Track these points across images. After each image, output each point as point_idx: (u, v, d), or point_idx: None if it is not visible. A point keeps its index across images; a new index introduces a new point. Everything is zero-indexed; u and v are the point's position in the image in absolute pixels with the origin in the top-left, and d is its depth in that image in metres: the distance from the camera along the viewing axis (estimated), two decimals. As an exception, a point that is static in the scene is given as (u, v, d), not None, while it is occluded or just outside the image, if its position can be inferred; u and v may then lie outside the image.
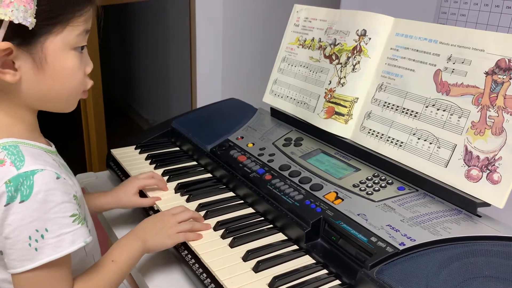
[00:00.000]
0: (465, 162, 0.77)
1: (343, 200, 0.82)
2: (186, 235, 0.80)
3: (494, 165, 0.74)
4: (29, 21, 0.58)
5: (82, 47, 0.68)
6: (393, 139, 0.88)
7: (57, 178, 0.64)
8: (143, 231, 0.79)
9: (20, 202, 0.60)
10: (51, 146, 0.74)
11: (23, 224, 0.61)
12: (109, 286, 0.73)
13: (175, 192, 0.97)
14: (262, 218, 0.88)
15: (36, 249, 0.62)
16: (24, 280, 0.64)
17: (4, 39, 0.59)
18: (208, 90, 2.44)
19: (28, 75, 0.63)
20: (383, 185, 0.84)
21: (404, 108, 0.88)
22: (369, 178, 0.87)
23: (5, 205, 0.60)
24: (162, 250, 0.82)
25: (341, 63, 1.01)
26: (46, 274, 0.64)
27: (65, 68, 0.66)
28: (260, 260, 0.73)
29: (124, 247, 0.76)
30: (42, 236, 0.62)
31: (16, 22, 0.57)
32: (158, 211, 0.92)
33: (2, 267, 0.67)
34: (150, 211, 0.94)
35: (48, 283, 0.65)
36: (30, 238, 0.61)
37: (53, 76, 0.65)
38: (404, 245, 0.69)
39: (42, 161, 0.64)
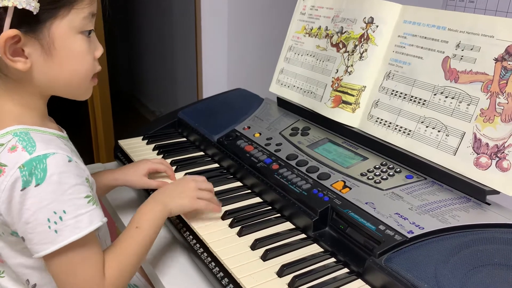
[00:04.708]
0: (474, 150, 0.76)
1: (350, 188, 0.82)
2: (207, 204, 0.81)
3: (503, 152, 0.73)
4: (33, 5, 0.59)
5: (89, 32, 0.68)
6: (401, 127, 0.88)
7: (69, 161, 0.64)
8: (163, 194, 0.80)
9: (35, 186, 0.61)
10: (63, 132, 0.75)
11: (41, 207, 0.61)
12: (136, 252, 0.72)
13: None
14: (270, 207, 0.88)
15: (56, 231, 0.62)
16: (54, 264, 0.65)
17: (11, 27, 0.59)
18: (214, 81, 2.44)
19: (38, 62, 0.64)
20: (391, 173, 0.84)
21: (412, 96, 0.87)
22: (377, 166, 0.87)
23: (21, 190, 0.61)
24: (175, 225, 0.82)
25: (348, 52, 1.01)
26: (74, 255, 0.64)
27: (73, 52, 0.66)
28: (268, 249, 0.74)
29: (146, 213, 0.76)
30: (61, 218, 0.62)
31: (19, 7, 0.57)
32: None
33: (18, 252, 0.68)
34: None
35: (81, 262, 0.65)
36: (49, 220, 0.62)
37: (62, 61, 0.65)
38: (412, 233, 0.69)
39: (53, 145, 0.65)
